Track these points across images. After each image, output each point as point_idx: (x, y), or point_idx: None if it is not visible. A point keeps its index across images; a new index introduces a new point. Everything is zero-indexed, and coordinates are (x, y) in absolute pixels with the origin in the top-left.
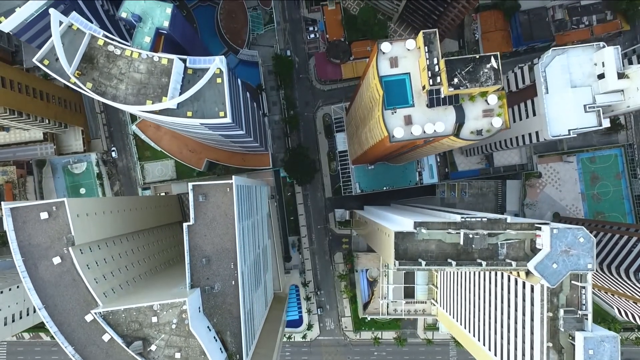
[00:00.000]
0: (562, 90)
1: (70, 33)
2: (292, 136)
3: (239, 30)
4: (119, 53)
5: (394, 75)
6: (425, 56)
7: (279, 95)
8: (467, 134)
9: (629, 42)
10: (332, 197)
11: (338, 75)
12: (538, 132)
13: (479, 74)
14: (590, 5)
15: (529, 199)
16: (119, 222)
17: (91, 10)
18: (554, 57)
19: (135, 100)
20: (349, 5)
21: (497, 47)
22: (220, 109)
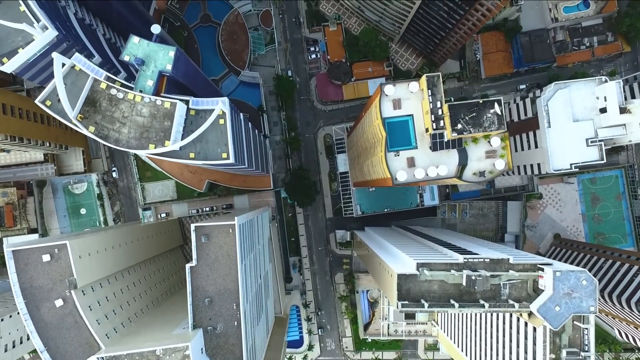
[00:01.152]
0: (564, 124)
1: (72, 74)
2: (293, 157)
3: (240, 51)
4: (121, 96)
5: (397, 117)
6: (429, 99)
7: (280, 116)
8: (469, 175)
9: (629, 63)
10: (333, 218)
11: (339, 96)
12: (540, 165)
13: (482, 118)
14: (591, 27)
15: (529, 220)
16: (120, 256)
17: (94, 43)
18: (556, 90)
19: (138, 144)
20: (350, 25)
21: (498, 68)
22: (223, 150)
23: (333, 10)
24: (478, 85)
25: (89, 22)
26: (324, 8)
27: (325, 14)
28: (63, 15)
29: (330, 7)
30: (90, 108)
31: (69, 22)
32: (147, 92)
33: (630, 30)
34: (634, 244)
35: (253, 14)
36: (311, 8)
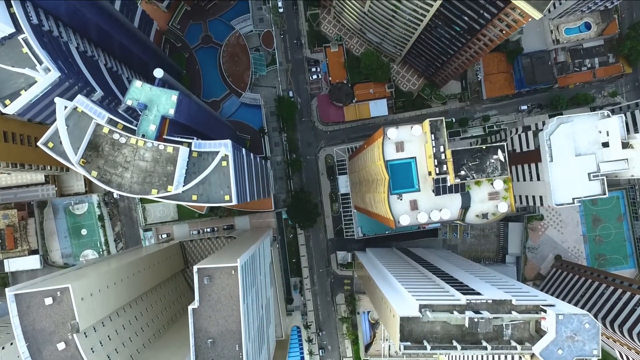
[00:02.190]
0: (567, 159)
1: (74, 115)
2: (294, 177)
3: (241, 73)
4: (124, 141)
5: (399, 160)
6: (432, 144)
7: (281, 137)
8: (472, 217)
9: (630, 83)
10: (334, 239)
11: (341, 117)
12: (542, 197)
13: (485, 164)
14: (592, 48)
15: (531, 242)
16: (122, 291)
17: (95, 76)
18: (559, 124)
19: (141, 189)
20: (352, 46)
21: (500, 89)
22: (226, 192)
23: (334, 30)
24: (479, 105)
25: (90, 53)
26: (325, 29)
27: (327, 35)
28: (65, 51)
29: (332, 28)
30: (92, 152)
31: (71, 58)
32: (150, 137)
33: (632, 52)
34: (635, 265)
35: (254, 34)
36: (312, 29)
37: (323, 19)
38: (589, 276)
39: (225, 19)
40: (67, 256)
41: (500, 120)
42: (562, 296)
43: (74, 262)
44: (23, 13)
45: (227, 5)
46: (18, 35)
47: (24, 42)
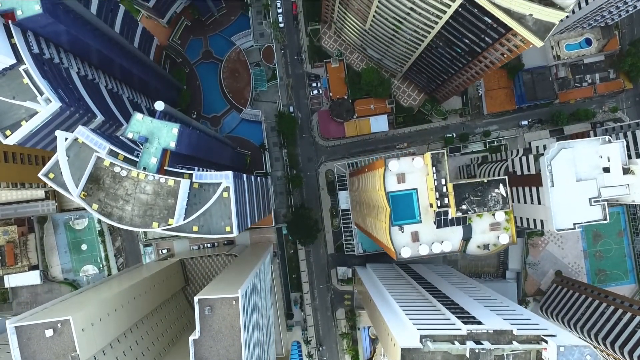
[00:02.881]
0: (568, 184)
1: (75, 146)
2: (294, 193)
3: (241, 89)
4: (125, 174)
5: (401, 191)
6: (434, 176)
7: (282, 152)
8: (474, 248)
9: (631, 98)
10: (334, 254)
11: (341, 133)
12: (543, 222)
13: (487, 198)
14: (593, 64)
15: (531, 258)
16: (123, 317)
17: (96, 100)
18: (560, 150)
19: (142, 222)
20: (352, 61)
21: (500, 105)
22: (227, 223)
23: (335, 45)
24: (480, 120)
25: (91, 77)
26: (326, 44)
27: (327, 50)
28: (66, 77)
29: (332, 43)
30: (93, 185)
31: (72, 84)
32: (151, 170)
33: (632, 69)
34: (635, 281)
35: (255, 49)
36: (313, 44)
37: (324, 34)
38: (589, 294)
39: (225, 35)
40: (68, 271)
41: (501, 136)
42: (562, 314)
43: (74, 277)
44: (24, 43)
45: (227, 21)
46: (19, 66)
47: (25, 73)
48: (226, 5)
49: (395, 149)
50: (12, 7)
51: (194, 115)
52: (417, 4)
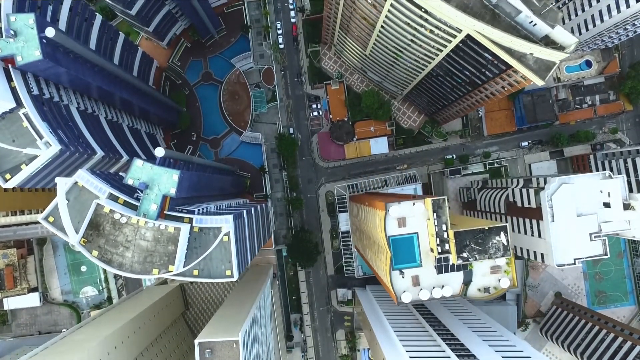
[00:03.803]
0: (568, 219)
1: (75, 189)
2: (294, 214)
3: (241, 111)
4: (125, 221)
5: (401, 235)
6: (434, 222)
7: (282, 174)
8: (474, 291)
9: (631, 119)
10: (334, 275)
11: (341, 155)
12: (543, 255)
13: (487, 245)
14: (593, 85)
15: (531, 279)
16: (124, 353)
17: (96, 134)
18: (560, 185)
19: (142, 268)
20: (352, 82)
21: (500, 126)
22: (227, 267)
23: (335, 67)
24: (480, 141)
25: (90, 110)
26: (326, 65)
27: (327, 71)
28: (65, 115)
29: (332, 64)
30: (93, 231)
31: (72, 122)
32: (151, 217)
33: (632, 92)
34: (635, 303)
35: (255, 70)
36: (313, 65)
37: (324, 55)
38: (589, 319)
39: (225, 56)
40: (67, 293)
41: (501, 157)
42: (562, 338)
43: (74, 298)
44: (24, 85)
45: (227, 42)
46: (19, 109)
47: (25, 117)
48: (226, 26)
49: (395, 170)
50: (12, 53)
51: (193, 138)
52: (418, 37)
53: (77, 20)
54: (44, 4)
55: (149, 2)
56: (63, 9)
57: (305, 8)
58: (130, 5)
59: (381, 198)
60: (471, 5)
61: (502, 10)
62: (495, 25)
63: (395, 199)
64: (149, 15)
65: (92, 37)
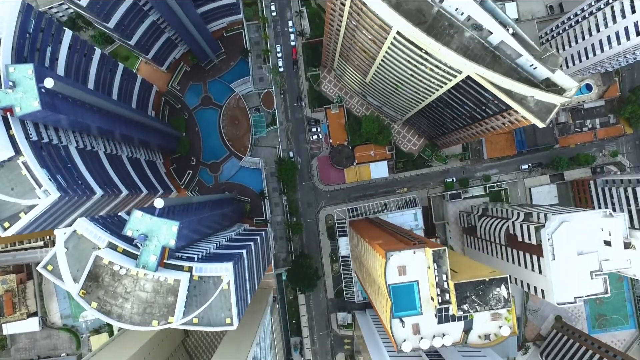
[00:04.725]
0: (569, 258)
1: (74, 237)
2: (294, 238)
3: (241, 136)
4: (124, 272)
5: (402, 283)
6: (435, 272)
7: (282, 198)
8: (474, 338)
9: (631, 142)
10: (334, 299)
11: (341, 180)
12: (543, 292)
13: (488, 296)
14: (593, 109)
15: (531, 303)
16: None
17: (95, 172)
18: (561, 223)
19: (141, 320)
20: (352, 105)
21: (501, 150)
22: (227, 315)
23: (335, 90)
24: (480, 164)
25: (90, 147)
26: (326, 88)
27: (327, 95)
28: (65, 156)
29: (332, 87)
30: (92, 283)
31: (71, 163)
32: (150, 268)
33: (632, 116)
34: (635, 326)
35: (254, 94)
36: (313, 88)
37: (324, 78)
38: (589, 346)
39: (225, 80)
40: (67, 317)
41: (501, 180)
42: None
43: (73, 322)
44: (22, 133)
45: (226, 66)
46: (17, 157)
47: (23, 165)
48: (226, 50)
49: (395, 193)
50: (11, 104)
51: (193, 162)
52: (419, 72)
53: (77, 57)
54: (43, 46)
55: (147, 32)
56: (62, 49)
57: (305, 32)
58: (130, 36)
59: (381, 237)
60: (472, 47)
61: (503, 52)
62: (495, 68)
63: (395, 242)
64: (148, 43)
65: (91, 71)
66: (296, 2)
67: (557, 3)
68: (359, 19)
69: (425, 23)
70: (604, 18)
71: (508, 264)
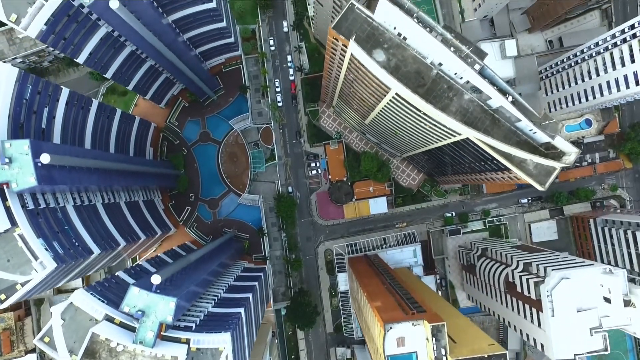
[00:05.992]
0: (568, 314)
1: (71, 309)
2: (293, 273)
3: (240, 173)
4: (121, 349)
5: (400, 354)
6: (433, 347)
7: (280, 234)
8: None
9: (630, 175)
10: (333, 333)
11: (340, 215)
12: (543, 345)
13: None
14: (593, 143)
15: None
16: None
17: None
18: (560, 280)
19: None
20: (352, 140)
21: (500, 185)
22: None
23: (334, 125)
24: (480, 198)
25: (87, 202)
26: (325, 123)
27: (326, 129)
28: (62, 218)
29: (331, 122)
30: (89, 359)
31: (69, 224)
32: (148, 344)
33: (632, 152)
34: None
35: (253, 129)
36: (312, 123)
37: (323, 112)
38: None
39: (223, 116)
40: None
41: (501, 214)
42: None
43: None
44: (18, 203)
45: (225, 102)
46: (13, 229)
47: (20, 237)
48: (224, 86)
49: (395, 227)
50: (7, 180)
51: (191, 199)
52: (418, 127)
53: (74, 111)
54: (40, 109)
55: (145, 76)
56: (59, 106)
57: (304, 67)
58: (128, 82)
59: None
60: (471, 109)
61: (502, 115)
62: (495, 131)
63: (394, 306)
64: (146, 86)
65: (88, 123)
66: (295, 37)
67: (556, 38)
68: (358, 74)
69: (425, 86)
70: (604, 63)
71: (507, 310)
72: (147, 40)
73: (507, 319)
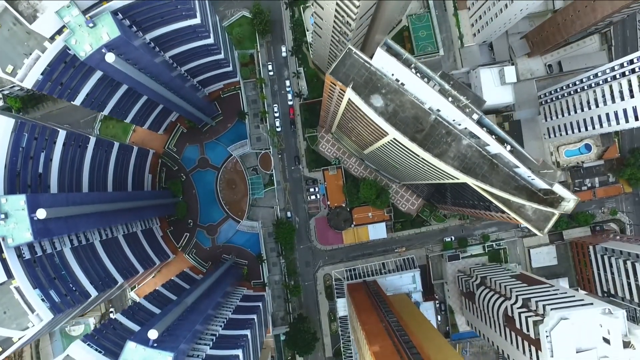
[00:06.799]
0: (567, 355)
1: None
2: (292, 299)
3: (238, 200)
4: None
5: None
6: None
7: (279, 259)
8: None
9: (630, 199)
10: (332, 357)
11: (339, 241)
12: None
13: None
14: (592, 168)
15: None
16: None
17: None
18: (559, 320)
19: None
20: (350, 165)
21: None
22: None
23: (333, 149)
24: (479, 222)
25: (85, 241)
26: (324, 148)
27: (325, 154)
28: (59, 263)
29: (330, 147)
30: None
31: (66, 269)
32: None
33: (632, 178)
34: None
35: (252, 154)
36: (310, 148)
37: (321, 137)
38: None
39: (222, 141)
40: None
41: (500, 238)
42: None
43: None
44: (14, 253)
45: (224, 128)
46: (10, 282)
47: (16, 290)
48: (223, 112)
49: (394, 252)
50: (3, 235)
51: (190, 225)
52: (417, 165)
53: (71, 151)
54: (37, 154)
55: (142, 109)
56: (56, 148)
57: (303, 93)
58: (125, 115)
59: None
60: (469, 155)
61: (501, 160)
62: (493, 176)
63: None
64: (143, 117)
65: (86, 159)
66: (294, 63)
67: (556, 62)
68: (355, 115)
69: (423, 131)
70: (603, 95)
71: (507, 343)
72: (143, 83)
73: (506, 351)
